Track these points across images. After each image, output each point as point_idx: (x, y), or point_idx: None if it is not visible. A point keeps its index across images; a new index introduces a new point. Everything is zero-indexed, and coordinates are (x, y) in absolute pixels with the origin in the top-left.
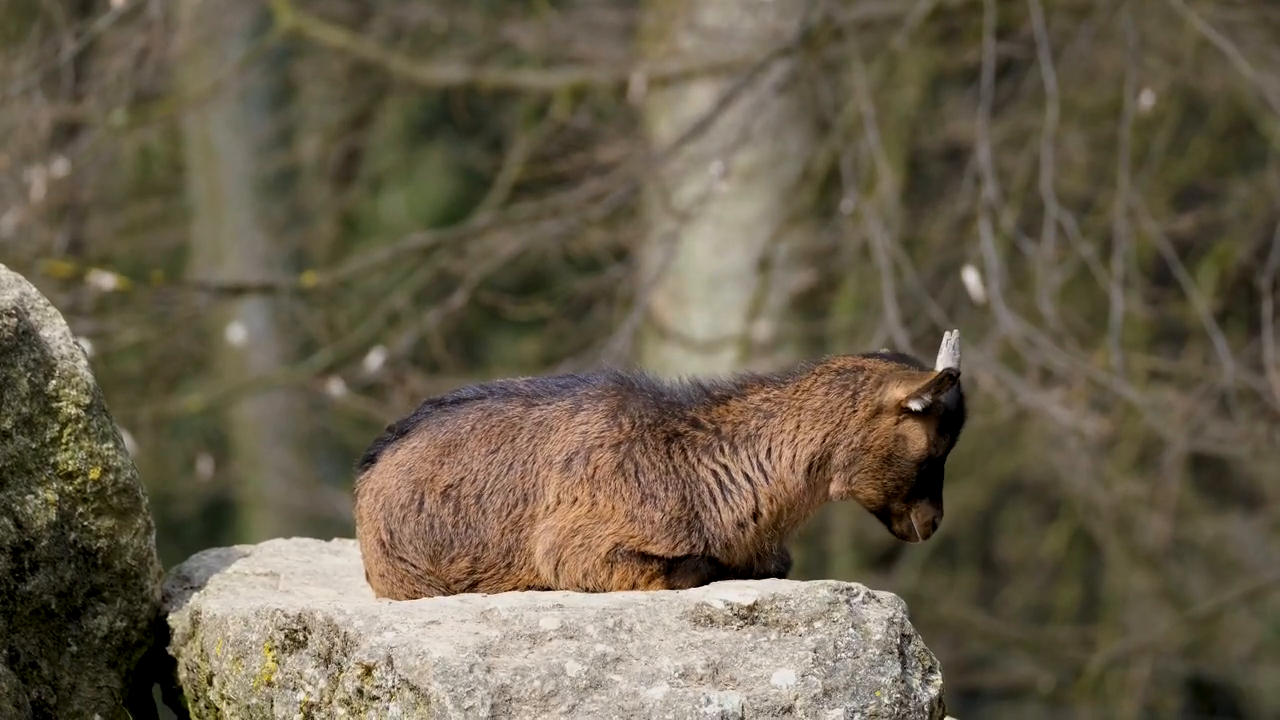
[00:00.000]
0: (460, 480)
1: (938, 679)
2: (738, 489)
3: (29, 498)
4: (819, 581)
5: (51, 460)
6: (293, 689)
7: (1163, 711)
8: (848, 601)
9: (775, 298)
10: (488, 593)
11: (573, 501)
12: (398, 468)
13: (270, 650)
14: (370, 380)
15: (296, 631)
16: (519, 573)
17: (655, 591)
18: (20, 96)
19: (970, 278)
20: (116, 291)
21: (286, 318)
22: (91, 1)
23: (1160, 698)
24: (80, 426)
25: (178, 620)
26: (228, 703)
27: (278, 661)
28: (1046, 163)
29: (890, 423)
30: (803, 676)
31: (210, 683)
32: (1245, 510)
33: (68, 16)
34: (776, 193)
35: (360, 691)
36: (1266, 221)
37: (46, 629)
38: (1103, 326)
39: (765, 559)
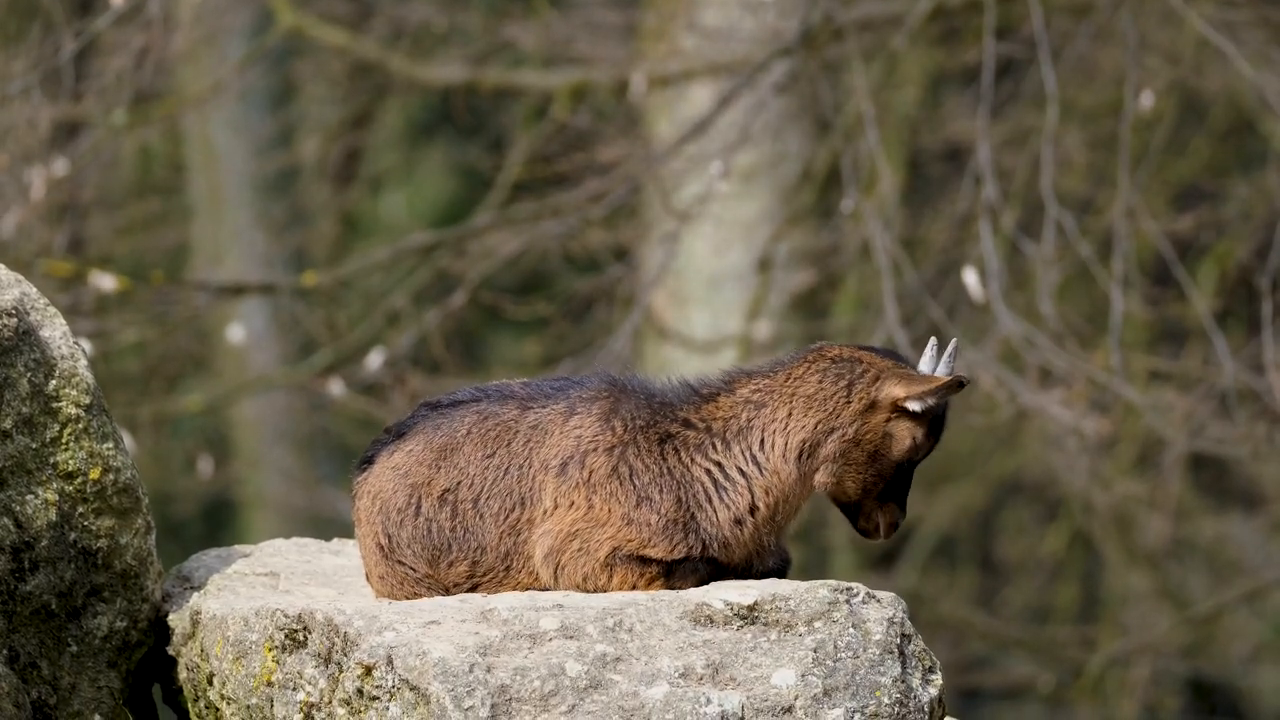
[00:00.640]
0: (457, 484)
1: (938, 679)
2: (733, 485)
3: (29, 498)
4: (819, 581)
5: (51, 460)
6: (293, 689)
7: (1163, 711)
8: (848, 601)
9: (775, 298)
10: (488, 594)
11: (569, 506)
12: (394, 471)
13: (270, 650)
14: (370, 380)
15: (296, 631)
16: (518, 576)
17: (655, 591)
18: (20, 96)
19: (970, 278)
20: (116, 291)
21: (286, 318)
22: (91, 1)
23: (1160, 698)
24: (80, 426)
25: (178, 620)
26: (228, 703)
27: (278, 661)
28: (1046, 163)
29: (881, 419)
30: (803, 676)
31: (210, 683)
32: (1245, 510)
33: (68, 16)
34: (776, 193)
35: (360, 691)
36: (1266, 221)
37: (46, 629)
38: (1102, 326)
39: (764, 555)
